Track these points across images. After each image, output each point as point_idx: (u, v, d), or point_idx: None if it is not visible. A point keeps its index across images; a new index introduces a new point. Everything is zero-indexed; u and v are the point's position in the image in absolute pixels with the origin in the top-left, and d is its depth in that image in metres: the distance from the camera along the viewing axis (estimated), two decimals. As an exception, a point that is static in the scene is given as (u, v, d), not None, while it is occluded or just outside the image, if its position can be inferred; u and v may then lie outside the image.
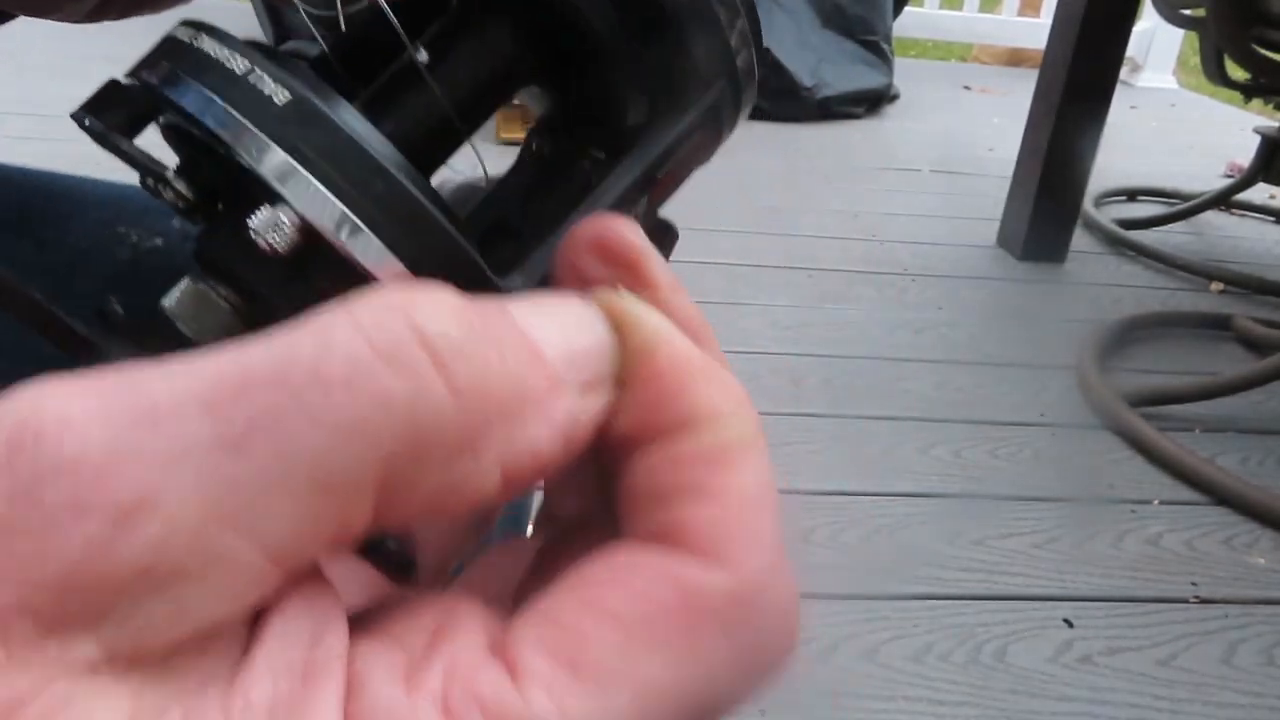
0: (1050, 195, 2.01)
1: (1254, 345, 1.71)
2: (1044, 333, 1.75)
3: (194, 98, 0.17)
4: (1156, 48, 3.90)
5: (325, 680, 0.13)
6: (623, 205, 0.21)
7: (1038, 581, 1.15)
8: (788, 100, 2.87)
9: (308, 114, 0.17)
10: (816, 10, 3.01)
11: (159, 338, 0.20)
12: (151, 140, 0.20)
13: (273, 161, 0.17)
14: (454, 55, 0.22)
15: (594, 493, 0.18)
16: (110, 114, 0.19)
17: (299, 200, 0.17)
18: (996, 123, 3.08)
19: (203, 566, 0.12)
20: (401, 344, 0.13)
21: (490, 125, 2.30)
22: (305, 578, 0.13)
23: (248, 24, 2.94)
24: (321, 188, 0.17)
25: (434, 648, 0.14)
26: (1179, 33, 3.70)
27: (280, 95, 0.17)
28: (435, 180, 0.24)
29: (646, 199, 0.21)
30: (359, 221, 0.17)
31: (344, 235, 0.17)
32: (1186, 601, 1.14)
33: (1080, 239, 2.12)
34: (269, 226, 0.17)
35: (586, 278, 0.17)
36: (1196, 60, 2.15)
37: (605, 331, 0.16)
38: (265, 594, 0.13)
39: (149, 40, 0.19)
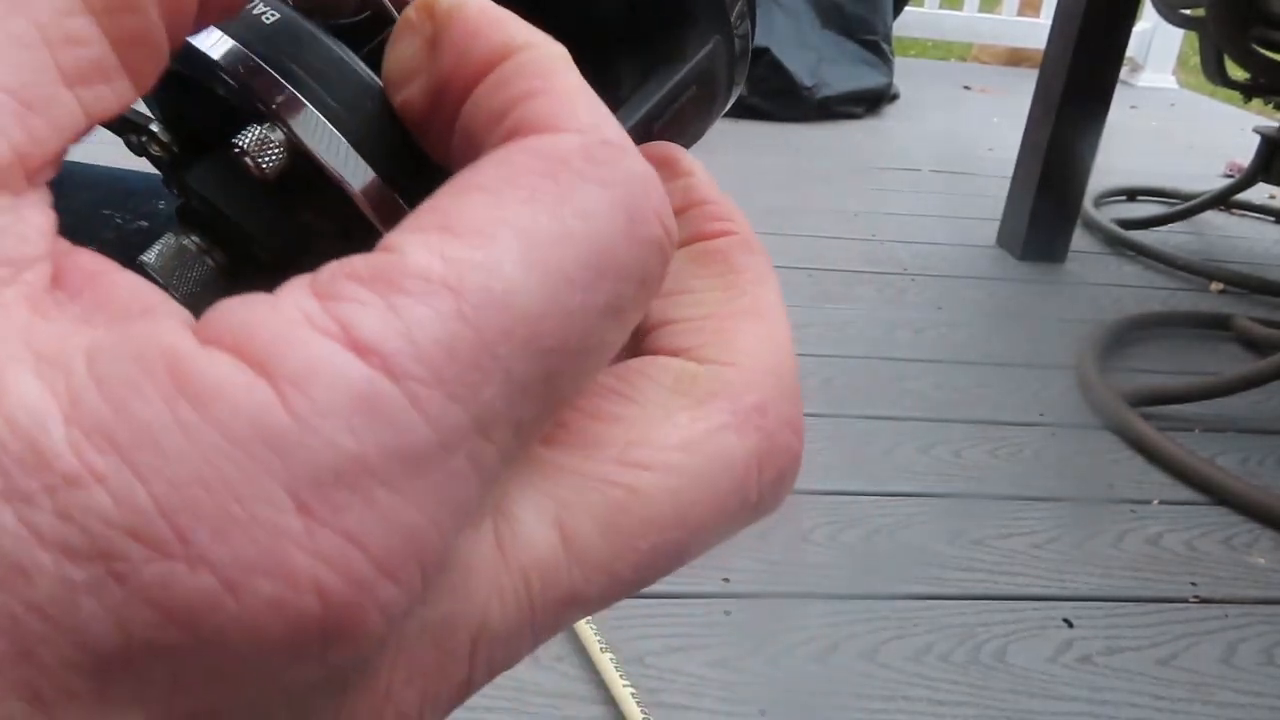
0: (1050, 195, 2.01)
1: (1254, 345, 1.71)
2: (1044, 333, 1.75)
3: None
4: (1156, 47, 3.90)
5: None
6: None
7: (1038, 581, 1.15)
8: (788, 100, 2.87)
9: (298, 35, 0.17)
10: (816, 10, 3.01)
11: None
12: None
13: (263, 80, 0.17)
14: None
15: None
16: None
17: (292, 120, 0.16)
18: (996, 122, 3.08)
19: None
20: None
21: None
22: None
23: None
24: (314, 110, 0.16)
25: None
26: (1179, 32, 3.70)
27: (269, 15, 0.17)
28: None
29: None
30: (348, 143, 0.17)
31: (333, 156, 0.16)
32: (1186, 601, 1.14)
33: (1080, 239, 2.12)
34: (259, 146, 0.16)
35: None
36: (1196, 60, 2.15)
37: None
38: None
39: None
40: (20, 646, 0.10)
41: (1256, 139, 2.16)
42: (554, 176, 0.13)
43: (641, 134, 0.20)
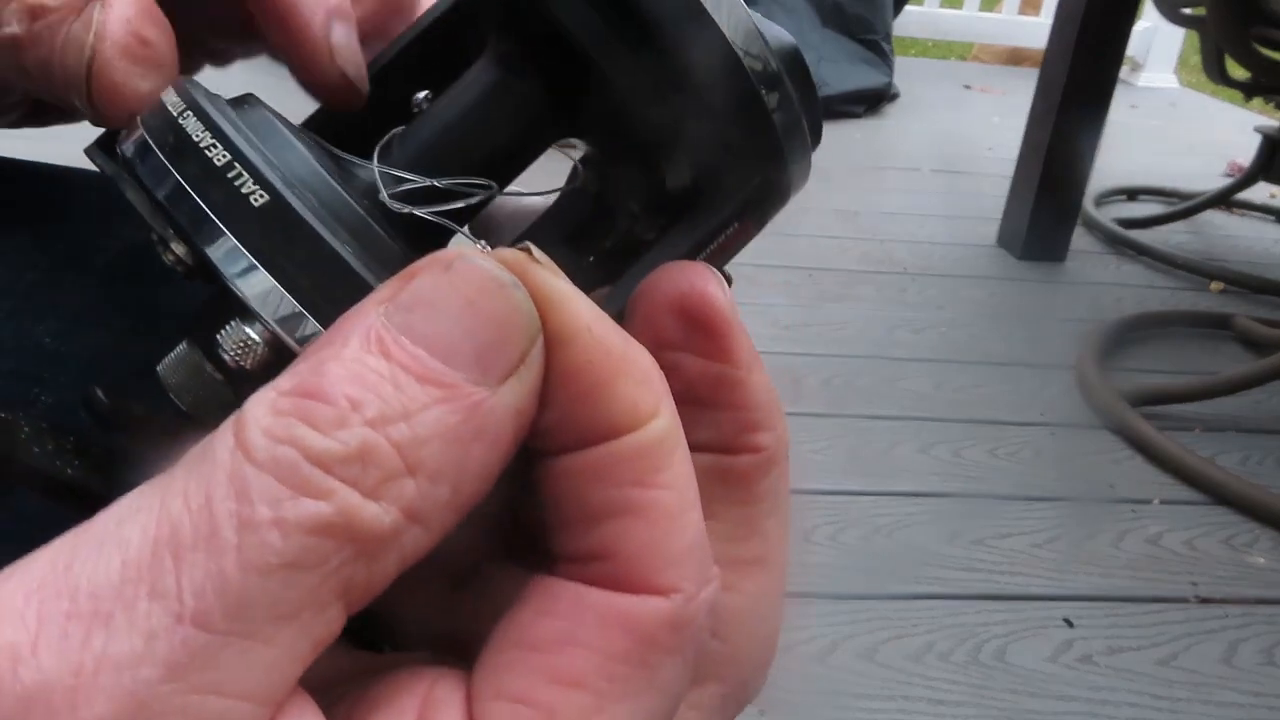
0: (1050, 194, 2.00)
1: (1254, 344, 1.71)
2: (1044, 332, 1.75)
3: (170, 189, 0.16)
4: (1157, 47, 3.89)
5: None
6: None
7: (1038, 581, 1.14)
8: (788, 100, 2.87)
9: (286, 221, 0.16)
10: (816, 9, 3.01)
11: (147, 420, 0.18)
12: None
13: (249, 280, 0.16)
14: (471, 122, 0.20)
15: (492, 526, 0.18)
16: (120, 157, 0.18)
17: (272, 317, 0.16)
18: (996, 122, 3.08)
19: None
20: (298, 467, 0.13)
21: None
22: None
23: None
24: (296, 304, 0.16)
25: None
26: (1180, 32, 3.70)
27: (258, 197, 0.16)
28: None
29: None
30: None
31: None
32: (1186, 601, 1.14)
33: (1080, 238, 2.12)
34: (238, 346, 0.16)
35: (661, 338, 0.17)
36: (1197, 59, 2.15)
37: (525, 309, 0.14)
38: None
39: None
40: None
41: (1257, 138, 2.16)
42: (645, 663, 0.14)
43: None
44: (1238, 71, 1.98)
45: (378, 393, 0.13)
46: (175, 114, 0.17)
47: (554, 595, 0.15)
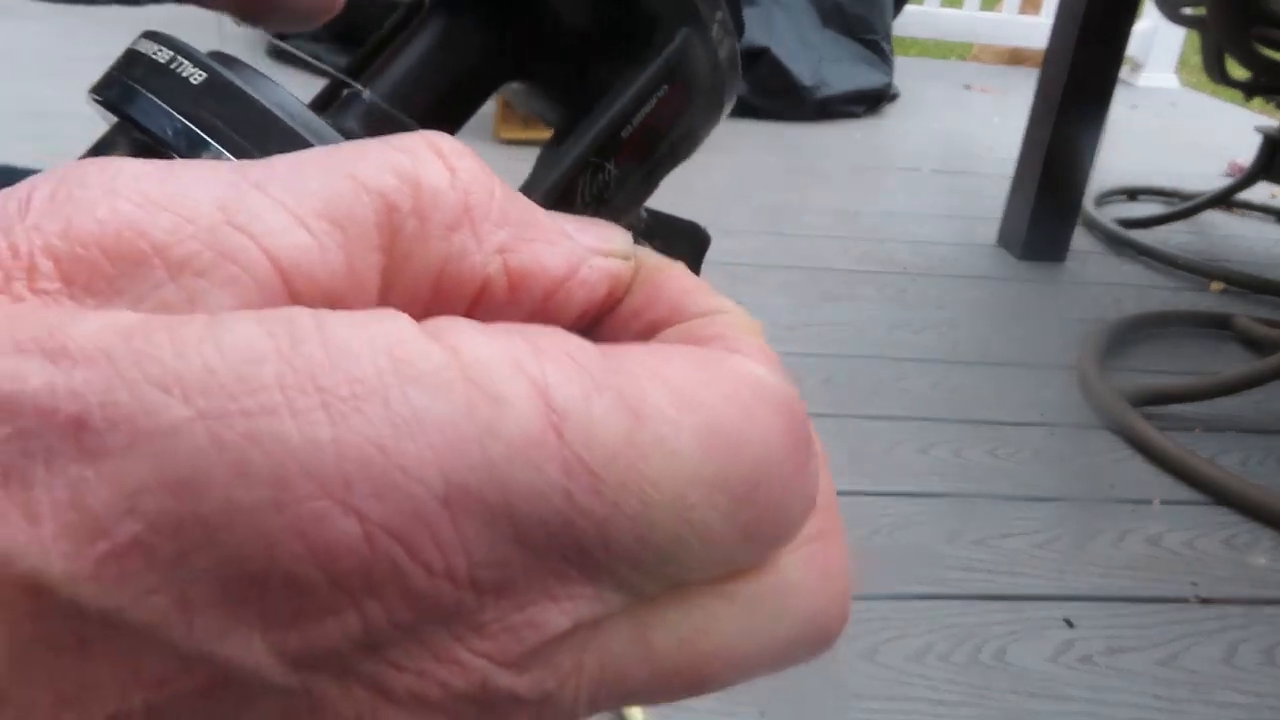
0: (1051, 194, 2.00)
1: (1255, 345, 1.71)
2: (1044, 332, 1.75)
3: (119, 89, 0.17)
4: (1157, 47, 3.89)
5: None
6: (580, 170, 0.20)
7: (1038, 581, 1.14)
8: (788, 100, 2.87)
9: (225, 91, 0.17)
10: (816, 9, 3.01)
11: None
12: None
13: (184, 137, 0.17)
14: (407, 61, 0.21)
15: None
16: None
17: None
18: (997, 122, 3.08)
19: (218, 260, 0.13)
20: (414, 144, 0.15)
21: (489, 125, 2.30)
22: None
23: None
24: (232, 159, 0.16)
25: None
26: (1180, 31, 3.70)
27: (197, 76, 0.17)
28: None
29: (614, 163, 0.20)
30: None
31: None
32: (1187, 601, 1.14)
33: (1081, 238, 2.12)
34: None
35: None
36: (1198, 59, 2.15)
37: (627, 239, 0.17)
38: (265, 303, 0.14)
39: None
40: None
41: (1258, 138, 2.16)
42: (755, 395, 0.15)
43: (610, 139, 0.20)
44: (1238, 71, 1.98)
45: None
46: (144, 51, 0.18)
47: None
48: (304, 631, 0.12)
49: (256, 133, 0.17)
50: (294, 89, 0.19)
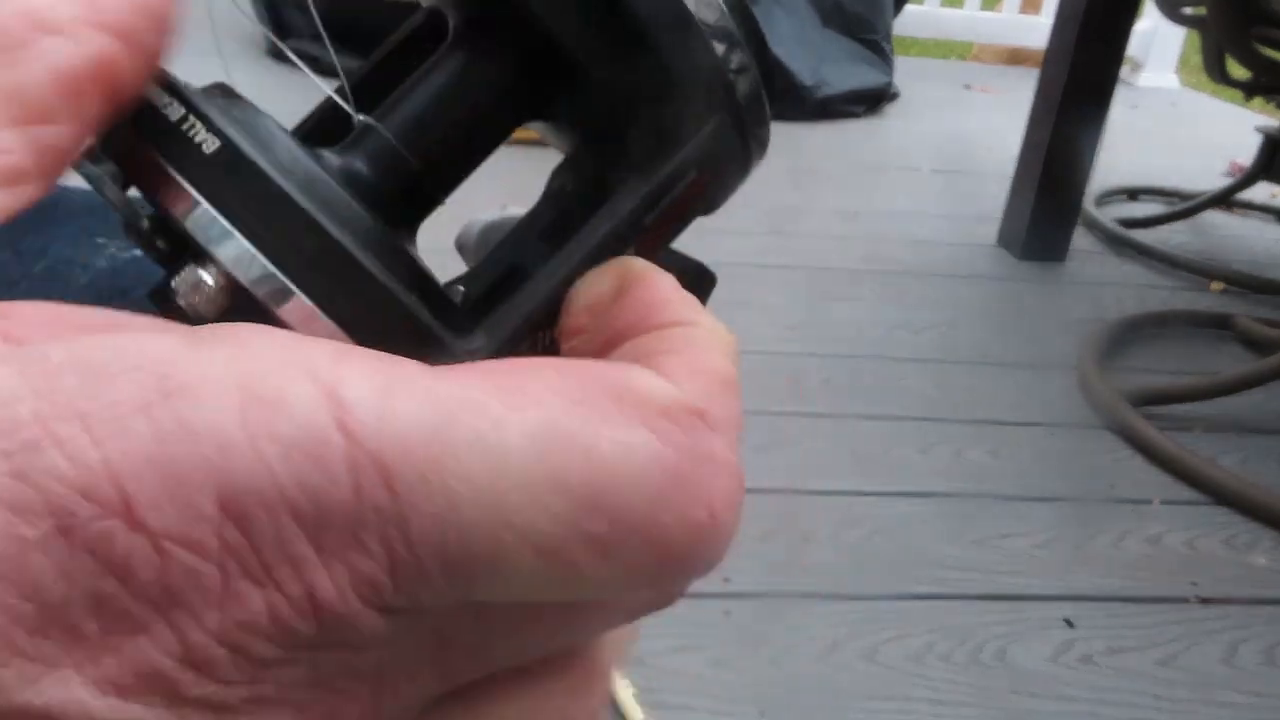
0: (1051, 194, 2.00)
1: (1255, 344, 1.71)
2: (1044, 332, 1.74)
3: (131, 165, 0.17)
4: (1158, 47, 3.89)
5: None
6: (603, 256, 0.19)
7: (1038, 581, 1.14)
8: (788, 100, 2.87)
9: (238, 162, 0.16)
10: (817, 9, 3.01)
11: None
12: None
13: (196, 214, 0.16)
14: (423, 96, 0.21)
15: None
16: (104, 162, 0.18)
17: (224, 257, 0.16)
18: (997, 122, 3.08)
19: None
20: None
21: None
22: None
23: (248, 25, 2.93)
24: (247, 244, 0.16)
25: None
26: (1180, 31, 3.70)
27: (210, 143, 0.16)
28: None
29: (634, 247, 0.19)
30: (287, 281, 0.16)
31: (271, 295, 0.16)
32: (1187, 601, 1.14)
33: (1081, 238, 2.12)
34: (190, 288, 0.16)
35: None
36: (1198, 59, 2.15)
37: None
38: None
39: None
40: None
41: (1258, 138, 2.16)
42: (620, 400, 0.14)
43: (630, 230, 0.19)
44: (1238, 71, 1.98)
45: None
46: (150, 96, 0.17)
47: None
48: (120, 654, 0.12)
49: (264, 212, 0.16)
50: (294, 89, 0.19)
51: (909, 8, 3.42)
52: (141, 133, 0.17)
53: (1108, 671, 1.03)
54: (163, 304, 0.17)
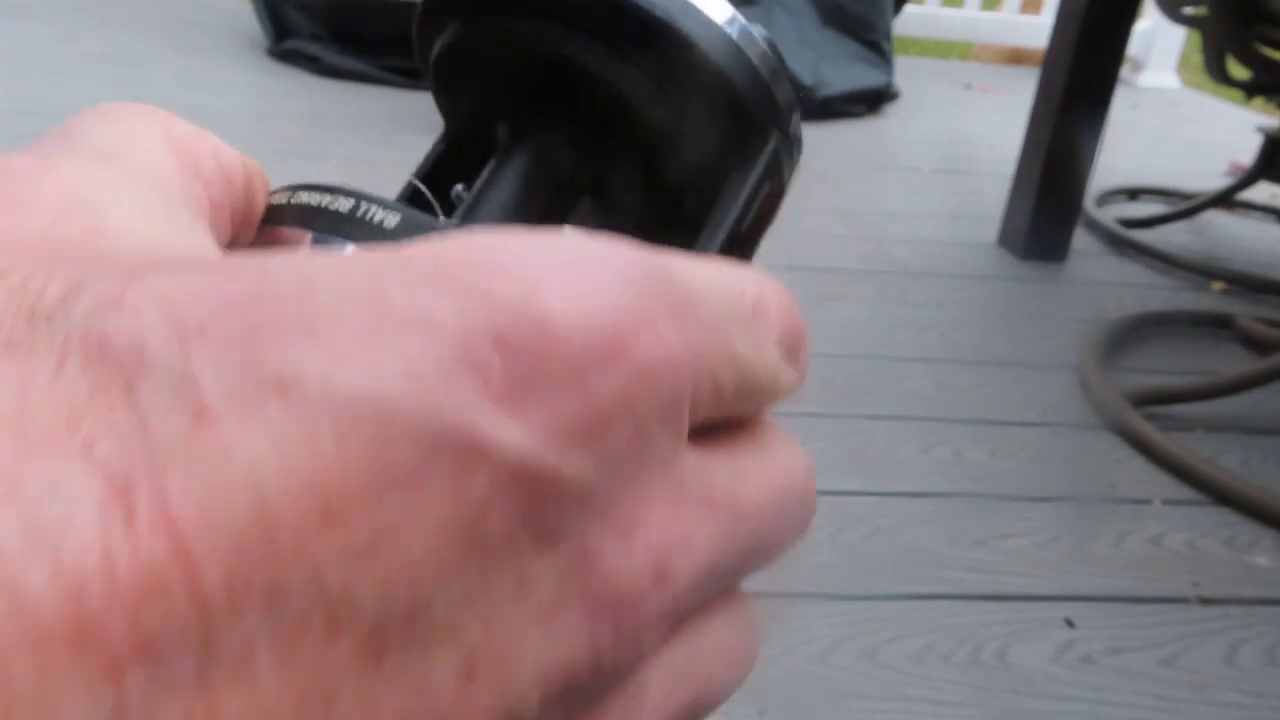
0: (1051, 194, 2.00)
1: (1256, 345, 1.71)
2: (1045, 332, 1.74)
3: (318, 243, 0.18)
4: (1158, 47, 3.89)
5: None
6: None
7: (1038, 581, 1.14)
8: (788, 99, 2.87)
9: (419, 228, 0.17)
10: (817, 9, 3.01)
11: None
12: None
13: None
14: (496, 191, 0.22)
15: None
16: None
17: None
18: (997, 121, 3.08)
19: None
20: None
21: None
22: None
23: (248, 25, 2.93)
24: None
25: None
26: (1181, 31, 3.70)
27: (390, 219, 0.18)
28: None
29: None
30: None
31: None
32: (1188, 601, 1.13)
33: (1081, 238, 2.12)
34: None
35: None
36: (1199, 59, 2.15)
37: None
38: None
39: (148, 40, 0.19)
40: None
41: (1259, 138, 2.16)
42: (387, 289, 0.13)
43: (730, 242, 0.22)
44: (1239, 71, 1.98)
45: None
46: (287, 200, 0.19)
47: None
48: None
49: None
50: (295, 89, 0.19)
51: (909, 8, 3.42)
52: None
53: (1108, 671, 1.03)
54: None
